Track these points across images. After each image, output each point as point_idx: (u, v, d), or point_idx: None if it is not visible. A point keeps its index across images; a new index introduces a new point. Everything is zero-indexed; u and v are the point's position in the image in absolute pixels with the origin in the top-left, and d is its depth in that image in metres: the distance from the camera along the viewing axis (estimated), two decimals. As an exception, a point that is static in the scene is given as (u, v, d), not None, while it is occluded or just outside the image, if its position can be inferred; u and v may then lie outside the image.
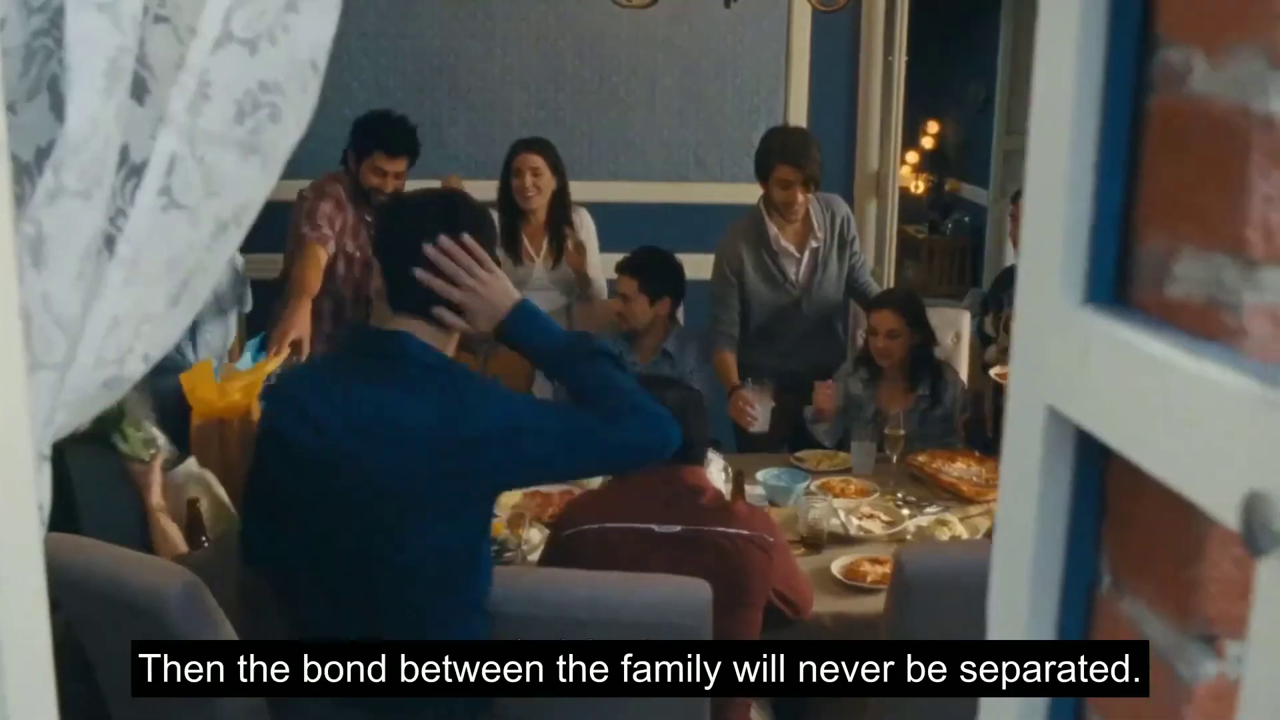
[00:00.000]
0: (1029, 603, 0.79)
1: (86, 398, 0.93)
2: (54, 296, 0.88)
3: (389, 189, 3.89)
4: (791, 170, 3.58)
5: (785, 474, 3.34)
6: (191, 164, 0.87)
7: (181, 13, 0.89)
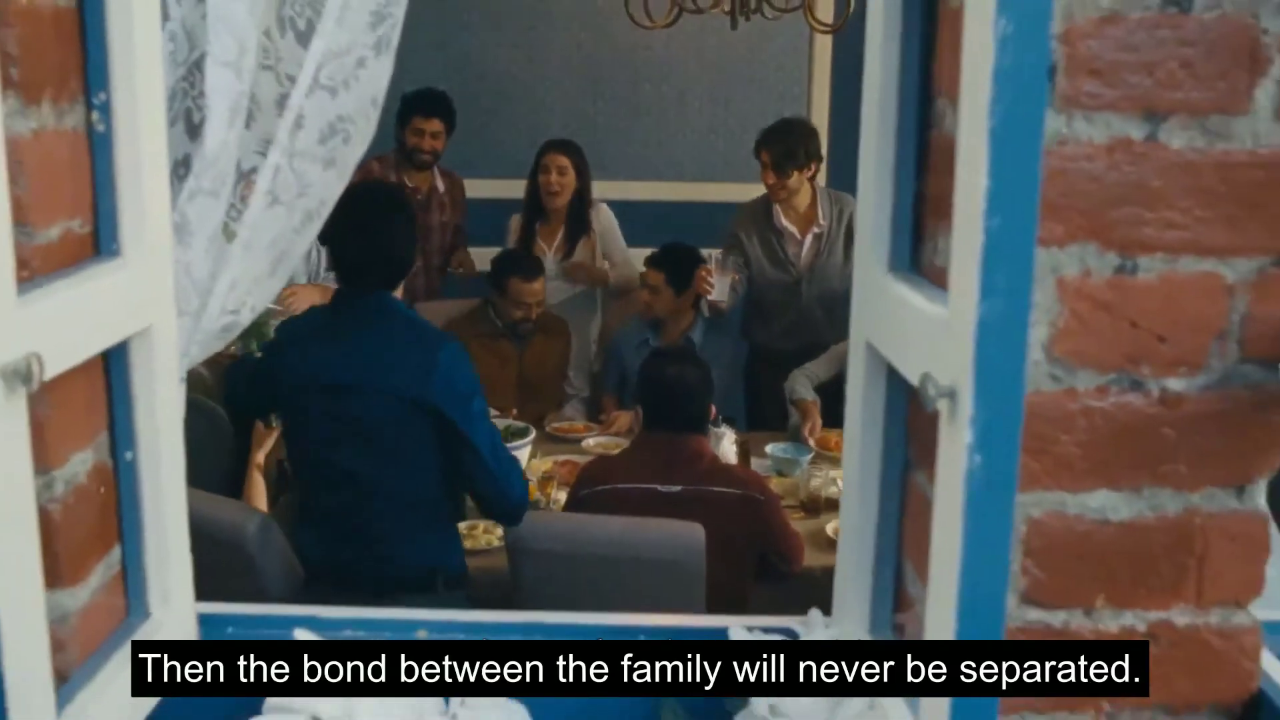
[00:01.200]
0: (860, 483, 1.14)
1: (210, 337, 1.31)
2: (191, 265, 1.26)
3: (426, 147, 4.37)
4: (765, 153, 3.95)
5: (791, 448, 3.68)
6: (288, 173, 1.24)
7: (283, 64, 1.26)
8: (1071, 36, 0.96)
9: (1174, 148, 0.99)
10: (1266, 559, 1.09)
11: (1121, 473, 1.05)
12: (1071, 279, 1.00)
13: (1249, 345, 1.02)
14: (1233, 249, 1.01)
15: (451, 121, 4.46)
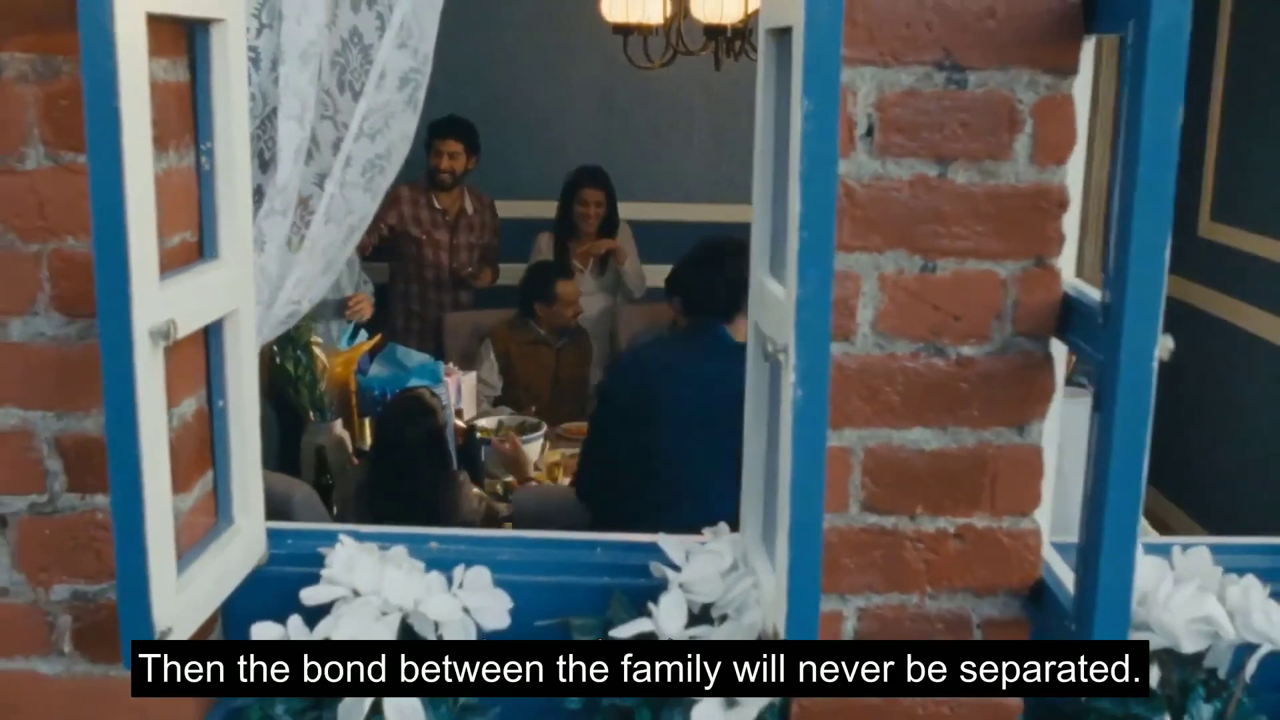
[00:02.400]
0: (753, 424, 1.55)
1: (277, 322, 1.74)
2: (265, 267, 1.69)
3: (444, 167, 4.85)
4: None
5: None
6: (340, 199, 1.68)
7: (340, 115, 1.69)
8: (884, 105, 1.38)
9: (959, 183, 1.40)
10: (1042, 480, 1.49)
11: (931, 415, 1.46)
12: (889, 275, 1.42)
13: (1019, 323, 1.43)
14: (1004, 254, 1.42)
15: (470, 143, 4.92)
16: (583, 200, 4.88)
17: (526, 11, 5.58)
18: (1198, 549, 1.63)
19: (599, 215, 4.89)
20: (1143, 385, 1.27)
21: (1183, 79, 1.20)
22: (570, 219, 4.95)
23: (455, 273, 5.02)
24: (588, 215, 4.89)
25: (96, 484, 1.51)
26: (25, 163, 1.43)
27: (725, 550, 1.58)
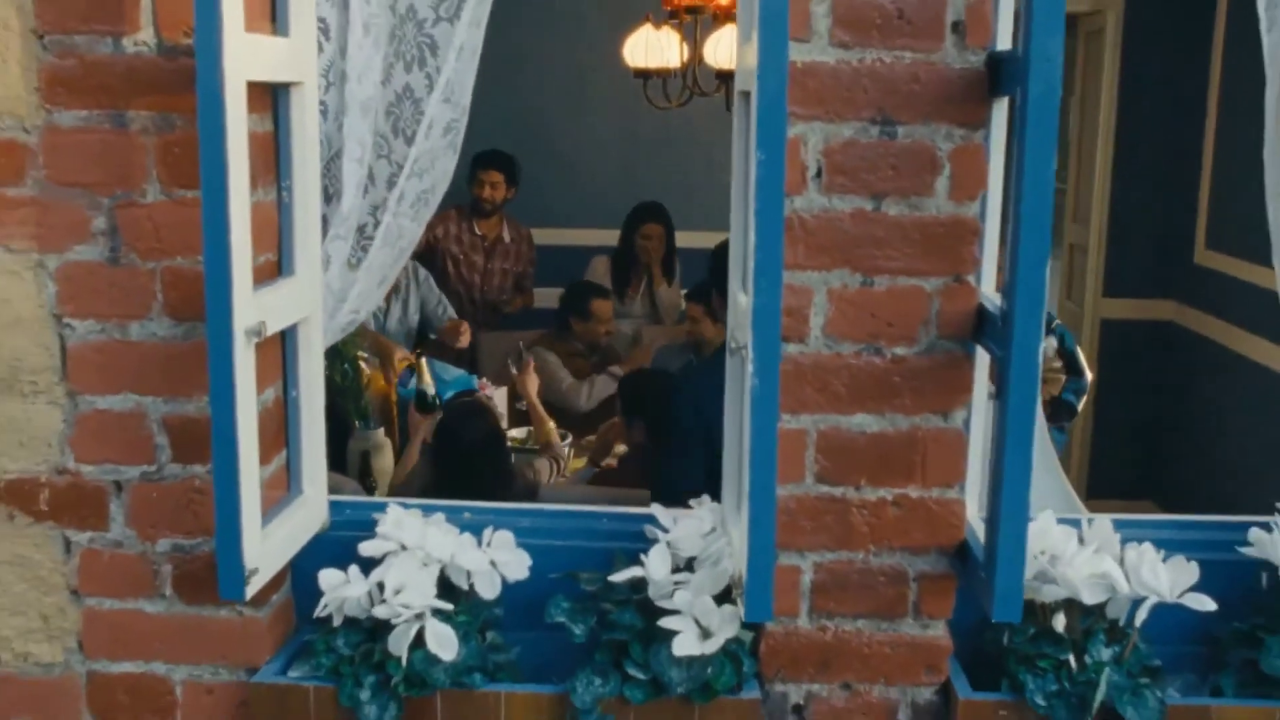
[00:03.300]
0: (731, 415, 1.88)
1: (339, 328, 2.09)
2: (330, 284, 2.04)
3: (486, 196, 5.22)
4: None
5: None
6: (393, 226, 2.03)
7: (394, 155, 2.04)
8: (829, 152, 1.72)
9: (891, 215, 1.73)
10: (965, 458, 1.82)
11: (871, 403, 1.79)
12: (835, 289, 1.75)
13: (942, 328, 1.76)
14: (929, 272, 1.75)
15: (510, 174, 5.30)
16: (645, 234, 5.29)
17: (557, 58, 5.98)
18: (1101, 520, 1.94)
19: (660, 248, 5.31)
20: (1030, 375, 1.59)
21: (1055, 130, 1.52)
22: (631, 250, 5.35)
23: (486, 296, 5.39)
24: (649, 248, 5.30)
25: (195, 456, 1.86)
26: (145, 197, 1.79)
27: (706, 516, 1.91)
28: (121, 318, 1.83)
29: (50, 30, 1.75)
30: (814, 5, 1.69)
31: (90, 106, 1.77)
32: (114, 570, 1.91)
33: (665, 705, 1.82)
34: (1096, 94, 6.09)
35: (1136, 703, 1.82)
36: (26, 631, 1.93)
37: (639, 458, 3.79)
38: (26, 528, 1.90)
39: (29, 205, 1.80)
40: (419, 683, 1.81)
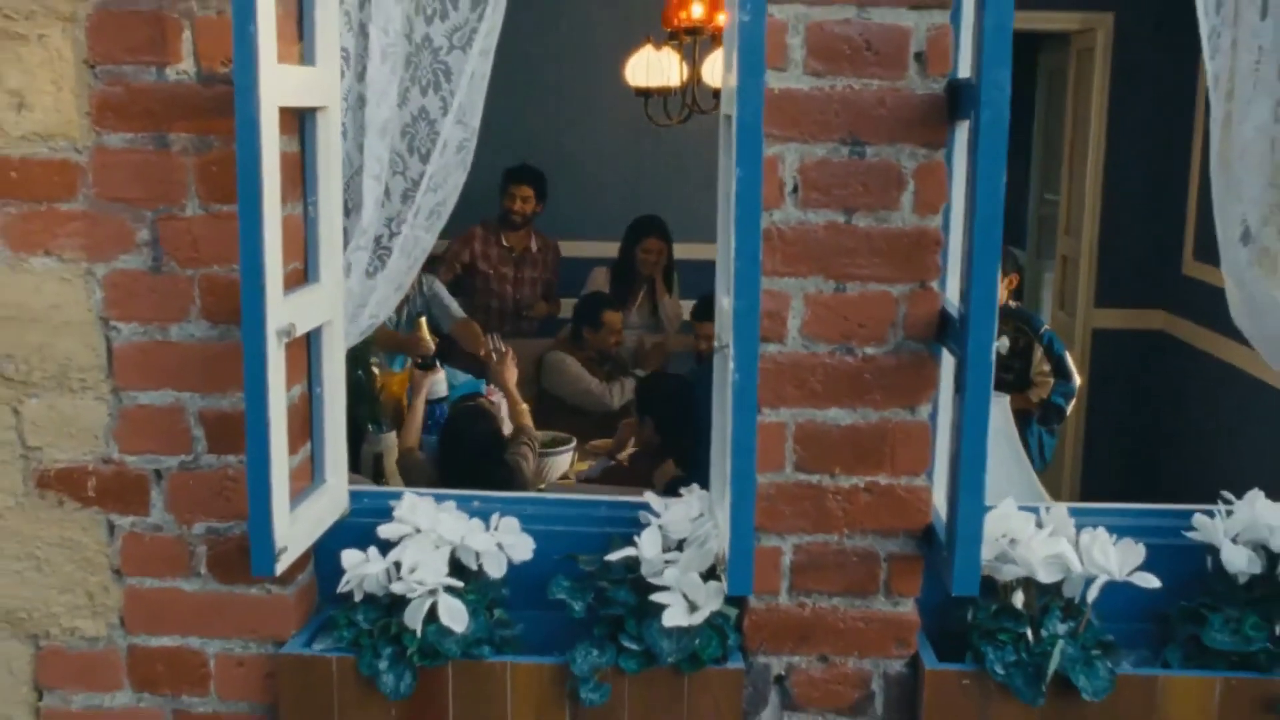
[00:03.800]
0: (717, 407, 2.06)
1: (358, 332, 2.27)
2: (351, 290, 2.22)
3: (517, 209, 5.43)
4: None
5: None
6: (410, 238, 2.21)
7: (409, 172, 2.23)
8: (805, 170, 1.90)
9: (861, 227, 1.91)
10: (929, 448, 1.99)
11: (844, 398, 1.96)
12: (811, 294, 1.93)
13: (908, 330, 1.94)
14: (895, 279, 1.93)
15: (540, 189, 5.50)
16: (645, 248, 5.47)
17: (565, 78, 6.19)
18: (1058, 507, 2.12)
19: (659, 262, 5.48)
20: (984, 372, 1.77)
21: (1004, 149, 1.70)
22: (631, 263, 5.53)
23: (517, 305, 5.58)
24: (649, 261, 5.48)
25: (229, 447, 2.04)
26: (185, 211, 1.97)
27: (695, 502, 2.09)
28: (162, 320, 2.01)
29: (100, 61, 1.94)
30: (790, 37, 1.87)
31: (136, 129, 1.96)
32: (153, 552, 2.09)
33: (657, 675, 2.00)
34: (1087, 110, 6.27)
35: (1088, 672, 1.98)
36: (74, 608, 2.11)
37: (648, 455, 3.97)
38: (74, 513, 2.08)
39: (80, 219, 1.99)
40: (432, 653, 1.99)
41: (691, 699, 2.02)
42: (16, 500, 2.08)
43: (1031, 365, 4.84)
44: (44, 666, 2.14)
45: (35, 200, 1.98)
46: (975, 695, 2.01)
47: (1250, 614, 2.04)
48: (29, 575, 2.10)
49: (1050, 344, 4.83)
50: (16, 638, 2.13)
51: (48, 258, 2.00)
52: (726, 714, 2.03)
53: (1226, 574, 2.08)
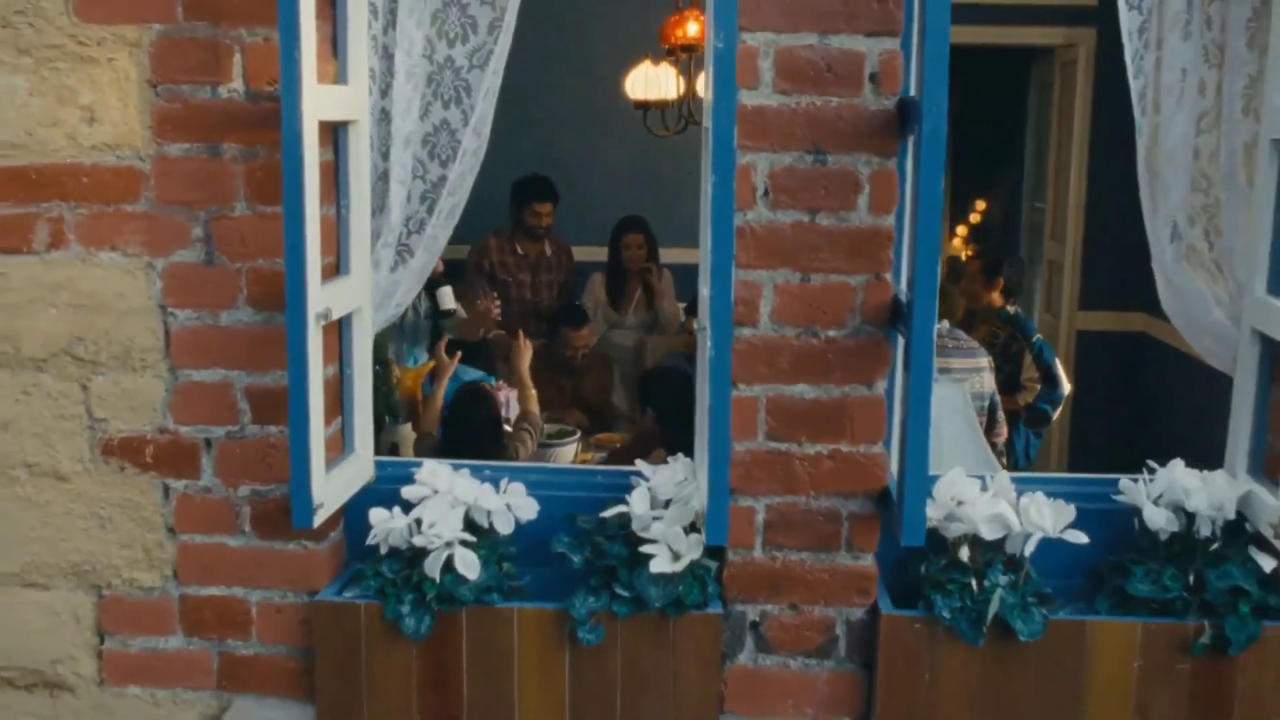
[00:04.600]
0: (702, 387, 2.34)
1: (383, 319, 2.56)
2: (379, 283, 2.51)
3: (542, 224, 5.67)
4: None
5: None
6: (431, 236, 2.49)
7: (429, 176, 2.51)
8: (774, 176, 2.18)
9: (823, 225, 2.19)
10: (884, 419, 2.26)
11: (809, 375, 2.24)
12: (780, 284, 2.21)
13: (865, 316, 2.22)
14: (853, 270, 2.21)
15: (557, 202, 5.78)
16: (626, 244, 5.74)
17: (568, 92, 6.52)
18: (1001, 475, 2.39)
19: (641, 256, 5.75)
20: (927, 350, 2.04)
21: (942, 158, 1.97)
22: (619, 261, 5.81)
23: (536, 307, 5.86)
24: (633, 256, 5.74)
25: (271, 419, 2.32)
26: (234, 211, 2.26)
27: (680, 468, 2.37)
28: (213, 307, 2.30)
29: (161, 81, 2.23)
30: (761, 61, 2.15)
31: (192, 140, 2.25)
32: (203, 512, 2.37)
33: (646, 618, 2.28)
34: (1070, 120, 6.55)
35: (1024, 617, 2.26)
36: (133, 561, 2.39)
37: (648, 444, 4.25)
38: (134, 477, 2.37)
39: (142, 219, 2.28)
40: (449, 599, 2.27)
41: (676, 641, 2.29)
42: (84, 466, 2.37)
43: (1021, 371, 5.11)
44: (106, 613, 2.42)
45: (104, 202, 2.27)
46: (925, 637, 2.28)
47: (1169, 567, 2.31)
48: (94, 532, 2.39)
49: (1040, 352, 5.09)
50: (81, 588, 2.41)
51: (114, 252, 2.29)
52: (707, 655, 2.31)
53: (1149, 532, 2.35)
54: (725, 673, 2.35)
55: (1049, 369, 5.04)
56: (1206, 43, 2.47)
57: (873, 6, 2.14)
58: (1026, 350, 5.04)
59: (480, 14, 2.40)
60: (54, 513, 2.38)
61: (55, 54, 2.22)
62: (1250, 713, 2.27)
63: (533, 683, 2.31)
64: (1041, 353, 5.06)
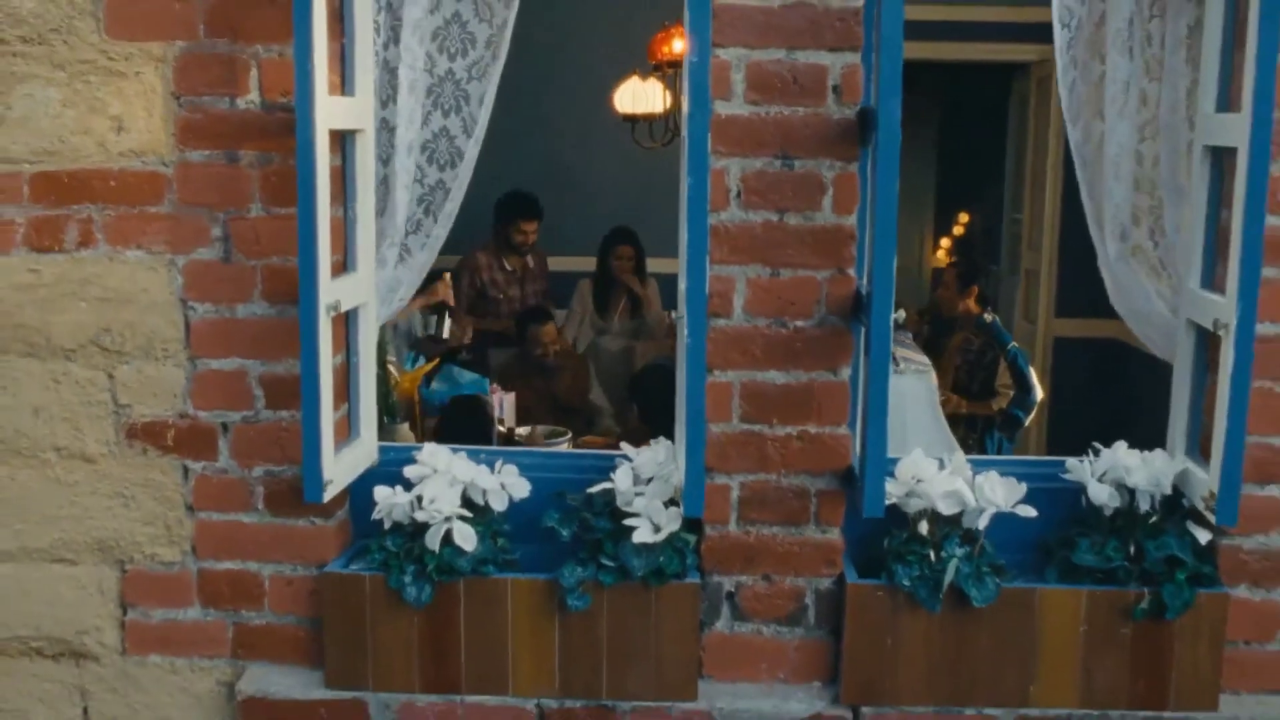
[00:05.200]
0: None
1: (385, 313, 2.75)
2: (381, 281, 2.70)
3: (529, 241, 5.89)
4: None
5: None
6: (431, 234, 2.69)
7: (427, 180, 2.71)
8: (746, 179, 2.38)
9: (791, 224, 2.39)
10: (848, 405, 2.46)
11: (779, 362, 2.44)
12: (752, 278, 2.41)
13: (829, 307, 2.42)
14: (819, 265, 2.41)
15: (543, 217, 5.99)
16: (617, 255, 5.97)
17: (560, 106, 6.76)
18: (959, 455, 2.59)
19: (630, 266, 5.97)
20: (884, 340, 2.24)
21: (896, 163, 2.17)
22: (607, 270, 6.02)
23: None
24: (623, 267, 5.97)
25: (283, 404, 2.52)
26: (250, 213, 2.46)
27: (661, 450, 2.56)
28: (230, 301, 2.50)
29: (184, 93, 2.43)
30: (733, 74, 2.36)
31: (211, 147, 2.45)
32: (220, 491, 2.56)
33: (629, 587, 2.47)
34: (1046, 134, 6.77)
35: (978, 585, 2.45)
36: (154, 538, 2.58)
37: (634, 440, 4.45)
38: (156, 459, 2.56)
39: (165, 220, 2.47)
40: (448, 570, 2.46)
41: (658, 609, 2.48)
42: (109, 449, 2.55)
43: (995, 377, 5.31)
44: (129, 586, 2.61)
45: (130, 204, 2.47)
46: (887, 605, 2.47)
47: (1112, 539, 2.51)
48: (118, 511, 2.58)
49: (1015, 359, 5.29)
50: (106, 563, 2.60)
51: (139, 250, 2.49)
52: (687, 622, 2.50)
53: (1094, 507, 2.54)
54: (703, 639, 2.54)
55: (1023, 376, 5.24)
56: (1148, 58, 2.67)
57: (835, 24, 2.35)
58: (1001, 357, 5.23)
59: (479, 30, 2.61)
60: (81, 492, 2.57)
61: (87, 68, 2.42)
62: (1186, 672, 2.47)
63: (525, 647, 2.50)
64: (1016, 360, 5.26)
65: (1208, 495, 2.39)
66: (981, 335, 5.37)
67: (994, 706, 2.48)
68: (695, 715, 2.50)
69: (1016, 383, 5.27)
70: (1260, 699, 2.53)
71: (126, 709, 2.63)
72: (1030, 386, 5.27)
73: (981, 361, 5.34)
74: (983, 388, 5.28)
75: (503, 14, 2.60)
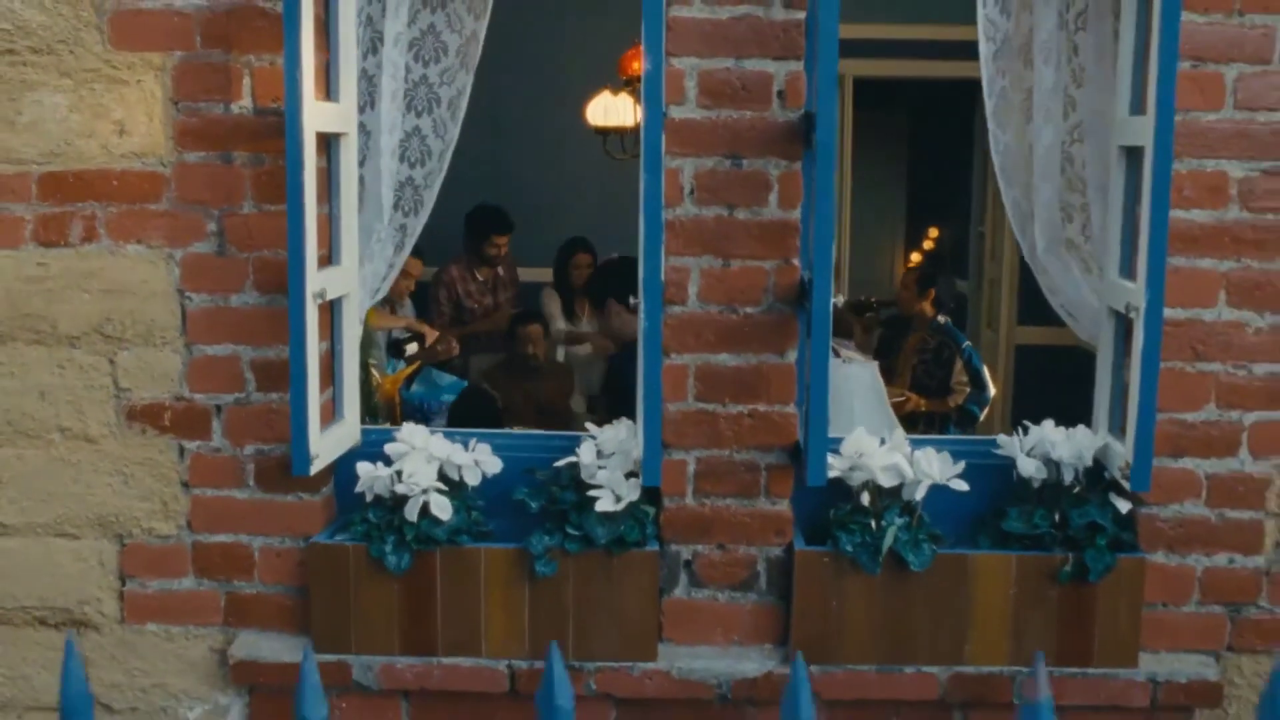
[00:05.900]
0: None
1: (368, 301, 2.96)
2: (367, 277, 2.91)
3: (501, 255, 6.15)
4: None
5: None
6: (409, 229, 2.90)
7: (400, 176, 2.92)
8: (699, 177, 2.59)
9: (740, 219, 2.61)
10: (795, 386, 2.67)
11: (731, 346, 2.65)
12: (705, 269, 2.62)
13: (777, 295, 2.63)
14: (766, 256, 2.62)
15: (512, 232, 6.22)
16: (575, 264, 6.23)
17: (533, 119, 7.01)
18: (899, 432, 2.81)
19: (588, 274, 6.23)
20: (824, 323, 2.45)
21: (834, 162, 2.39)
22: (565, 278, 6.28)
23: (497, 325, 6.29)
24: (579, 275, 6.23)
25: (273, 387, 2.71)
26: (243, 209, 2.66)
27: (623, 428, 2.77)
28: (224, 291, 2.70)
29: (182, 98, 2.64)
30: (686, 81, 2.58)
31: (207, 149, 2.65)
32: (214, 468, 2.76)
33: (593, 554, 2.67)
34: (1006, 148, 7.02)
35: (915, 551, 2.66)
36: (151, 513, 2.77)
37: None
38: (154, 439, 2.75)
39: (164, 216, 2.67)
40: (425, 539, 2.66)
41: (620, 576, 2.68)
42: (110, 429, 2.75)
43: (951, 375, 5.55)
44: (127, 559, 2.80)
45: (131, 202, 2.67)
46: (832, 570, 2.68)
47: (1039, 509, 2.72)
48: (118, 488, 2.77)
49: (969, 358, 5.53)
50: (106, 537, 2.79)
51: (139, 245, 2.69)
52: (647, 588, 2.70)
53: (1024, 480, 2.76)
54: (663, 604, 2.74)
55: (977, 373, 5.48)
56: (1075, 67, 2.91)
57: (779, 35, 2.57)
58: (957, 356, 5.47)
59: (450, 40, 2.83)
60: (84, 471, 2.76)
61: (92, 76, 2.62)
62: (1107, 632, 2.68)
63: (498, 612, 2.69)
64: (971, 358, 5.50)
65: (1124, 465, 2.61)
66: (937, 336, 5.61)
67: (931, 664, 2.69)
68: (656, 675, 2.69)
69: (972, 380, 5.51)
70: (1177, 656, 2.74)
71: (125, 674, 2.81)
72: (985, 384, 5.51)
73: (939, 360, 5.57)
74: (940, 385, 5.52)
75: (472, 25, 2.82)
